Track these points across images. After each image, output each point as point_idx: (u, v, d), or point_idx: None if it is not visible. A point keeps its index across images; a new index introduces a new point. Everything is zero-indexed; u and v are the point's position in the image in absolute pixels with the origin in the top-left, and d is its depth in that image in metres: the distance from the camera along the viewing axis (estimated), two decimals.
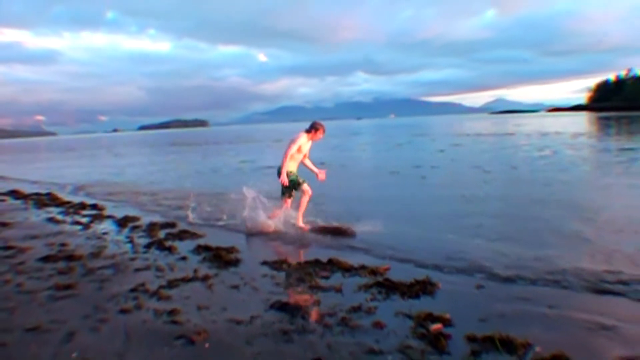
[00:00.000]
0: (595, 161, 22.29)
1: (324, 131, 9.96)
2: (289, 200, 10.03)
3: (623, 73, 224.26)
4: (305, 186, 9.70)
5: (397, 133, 64.15)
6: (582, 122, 73.24)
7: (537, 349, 4.57)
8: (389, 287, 6.27)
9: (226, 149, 46.90)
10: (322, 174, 10.24)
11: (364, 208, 12.03)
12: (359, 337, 4.88)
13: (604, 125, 59.06)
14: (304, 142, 9.81)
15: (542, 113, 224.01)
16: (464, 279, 6.75)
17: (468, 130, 62.10)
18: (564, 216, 10.12)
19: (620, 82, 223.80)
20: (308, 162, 10.19)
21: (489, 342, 4.69)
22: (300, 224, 9.89)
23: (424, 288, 6.21)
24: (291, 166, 9.79)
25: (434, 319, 5.23)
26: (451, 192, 13.96)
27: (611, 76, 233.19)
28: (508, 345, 4.63)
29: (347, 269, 7.16)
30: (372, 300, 5.92)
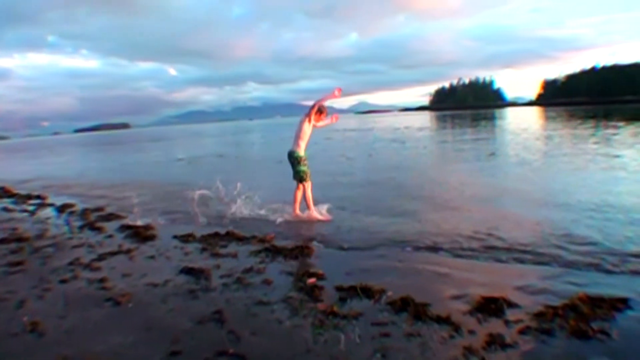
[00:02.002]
0: (435, 148, 23.19)
1: (327, 113, 9.02)
2: (300, 186, 8.73)
3: (455, 81, 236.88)
4: (307, 184, 8.63)
5: (282, 130, 64.02)
6: (425, 119, 75.87)
7: (389, 293, 4.91)
8: (274, 252, 6.62)
9: (147, 146, 45.60)
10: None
11: (257, 185, 11.95)
12: (251, 292, 5.18)
13: (440, 121, 62.28)
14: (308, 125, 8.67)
15: (395, 113, 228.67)
16: (333, 244, 7.01)
17: (337, 126, 62.71)
18: (410, 194, 10.57)
19: (452, 88, 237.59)
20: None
21: (353, 290, 5.02)
22: (314, 215, 8.61)
23: (302, 251, 6.57)
24: (304, 153, 8.70)
25: (310, 274, 5.58)
26: (322, 174, 14.02)
27: (446, 84, 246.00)
28: (367, 291, 4.97)
29: (241, 239, 7.41)
30: (261, 262, 6.24)
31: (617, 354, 3.64)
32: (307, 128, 8.66)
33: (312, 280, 5.36)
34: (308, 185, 8.64)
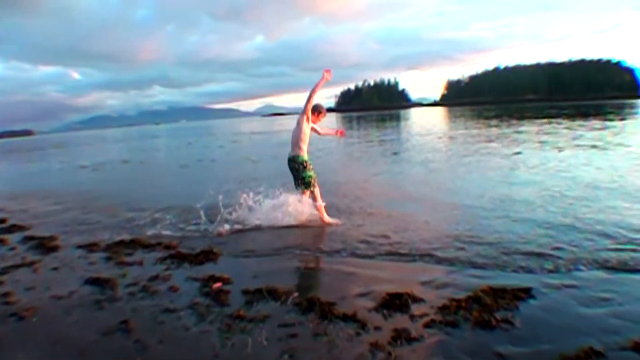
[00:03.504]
0: (340, 149, 23.95)
1: (325, 113, 8.45)
2: (307, 192, 8.16)
3: (360, 83, 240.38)
4: (316, 190, 8.07)
5: (188, 134, 63.27)
6: (331, 120, 76.75)
7: (296, 294, 4.96)
8: (180, 258, 6.51)
9: (51, 153, 43.69)
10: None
11: (163, 192, 11.78)
12: (158, 300, 5.11)
13: (346, 122, 63.10)
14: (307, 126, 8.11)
15: None
16: (241, 248, 6.97)
17: (244, 130, 62.51)
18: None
19: (358, 90, 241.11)
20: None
21: (259, 293, 5.04)
22: (326, 219, 8.06)
23: (207, 256, 6.52)
24: (307, 156, 8.18)
25: (215, 279, 5.55)
26: (229, 176, 14.05)
27: (352, 86, 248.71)
28: (273, 293, 5.00)
29: (147, 246, 7.23)
30: (167, 269, 6.13)
31: (521, 341, 3.83)
32: (306, 128, 8.09)
33: (217, 284, 5.34)
34: (317, 190, 8.07)
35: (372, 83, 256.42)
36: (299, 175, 8.05)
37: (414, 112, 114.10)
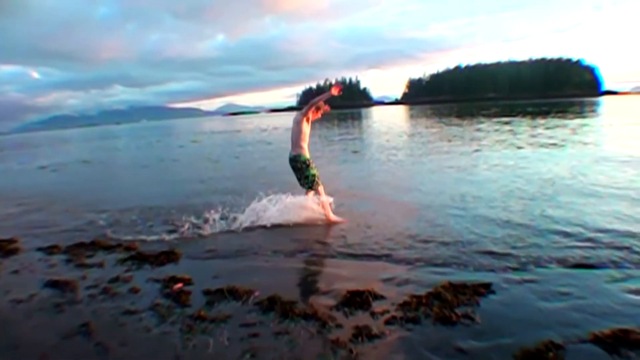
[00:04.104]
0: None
1: (325, 108, 8.15)
2: (311, 192, 8.10)
3: (322, 82, 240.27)
4: (320, 188, 7.98)
5: (149, 134, 62.49)
6: (291, 119, 76.19)
7: (257, 293, 4.97)
8: (140, 259, 6.47)
9: (9, 154, 42.62)
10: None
11: (123, 193, 11.69)
12: (119, 301, 5.06)
13: None
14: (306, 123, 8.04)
15: (263, 114, 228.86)
16: (202, 249, 6.94)
17: (205, 129, 62.05)
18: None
19: (320, 89, 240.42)
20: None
21: (220, 293, 5.04)
22: (332, 217, 8.03)
23: (168, 257, 6.48)
24: (309, 154, 8.07)
25: (176, 280, 5.53)
26: (190, 177, 13.96)
27: (314, 84, 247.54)
28: (234, 293, 5.00)
29: (107, 248, 7.16)
30: (127, 271, 6.08)
31: (482, 336, 3.91)
32: (306, 128, 8.03)
33: (178, 285, 5.33)
34: (321, 189, 7.99)
35: (333, 82, 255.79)
36: (302, 174, 7.99)
37: (375, 110, 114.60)
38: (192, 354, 3.83)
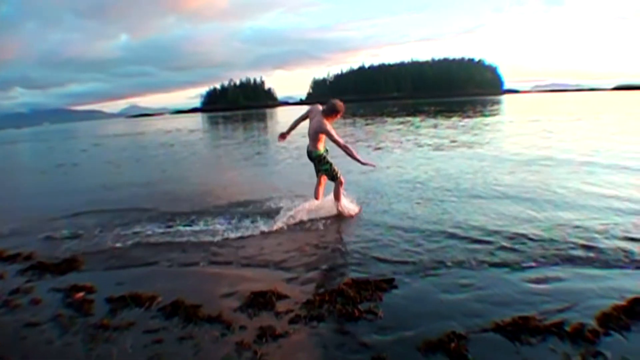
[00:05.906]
0: (202, 150, 24.35)
1: (342, 112, 7.96)
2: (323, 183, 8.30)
3: (226, 83, 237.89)
4: (341, 179, 8.00)
5: (50, 138, 59.79)
6: (198, 121, 75.53)
7: (160, 299, 4.90)
8: (41, 269, 6.16)
9: None
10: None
11: (17, 203, 11.17)
12: (19, 314, 4.83)
13: (212, 122, 62.24)
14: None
15: (167, 115, 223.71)
16: (102, 256, 6.66)
17: (108, 132, 60.18)
18: (177, 201, 9.91)
19: (224, 90, 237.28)
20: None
21: (123, 300, 4.93)
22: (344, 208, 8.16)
23: (70, 265, 6.25)
24: (323, 151, 8.09)
25: (78, 289, 5.37)
26: (91, 183, 13.52)
27: (218, 85, 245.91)
28: (137, 300, 4.91)
29: (6, 258, 6.74)
30: (28, 281, 5.76)
31: (385, 330, 4.05)
32: (323, 137, 7.94)
33: (79, 294, 5.19)
34: (341, 181, 7.99)
35: (238, 82, 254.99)
36: (317, 167, 8.22)
37: (280, 111, 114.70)
38: None
